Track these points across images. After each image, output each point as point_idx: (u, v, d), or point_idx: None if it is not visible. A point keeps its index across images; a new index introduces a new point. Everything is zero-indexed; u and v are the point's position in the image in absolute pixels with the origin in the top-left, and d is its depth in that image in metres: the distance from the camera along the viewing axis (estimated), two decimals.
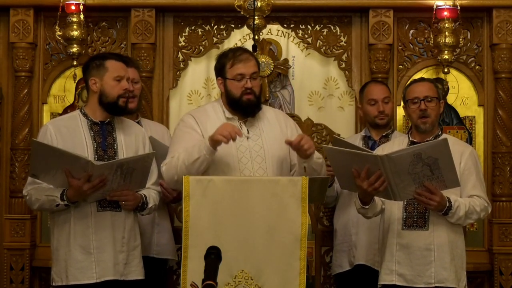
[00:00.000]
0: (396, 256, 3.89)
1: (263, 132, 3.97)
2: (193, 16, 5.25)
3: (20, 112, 5.14)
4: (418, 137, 3.97)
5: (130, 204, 3.83)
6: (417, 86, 4.01)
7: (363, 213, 3.92)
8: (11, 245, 5.10)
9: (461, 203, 3.80)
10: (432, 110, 3.93)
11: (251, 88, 3.92)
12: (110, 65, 3.86)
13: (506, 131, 5.06)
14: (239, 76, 3.92)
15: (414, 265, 3.85)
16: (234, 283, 3.52)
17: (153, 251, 4.41)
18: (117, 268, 3.81)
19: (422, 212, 3.85)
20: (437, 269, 3.83)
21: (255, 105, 3.96)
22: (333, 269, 4.73)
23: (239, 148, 3.88)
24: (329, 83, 5.26)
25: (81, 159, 3.65)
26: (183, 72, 5.26)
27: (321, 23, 5.24)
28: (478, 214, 3.85)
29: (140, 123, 4.42)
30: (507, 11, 5.06)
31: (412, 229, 3.86)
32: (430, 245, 3.84)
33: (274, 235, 3.53)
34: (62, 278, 3.82)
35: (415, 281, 3.85)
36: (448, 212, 3.78)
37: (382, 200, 3.89)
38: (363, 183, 3.68)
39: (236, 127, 3.75)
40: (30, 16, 5.13)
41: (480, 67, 5.17)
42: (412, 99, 3.95)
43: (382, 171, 3.62)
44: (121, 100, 3.86)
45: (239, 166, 3.86)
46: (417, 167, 3.60)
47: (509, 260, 5.03)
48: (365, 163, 3.64)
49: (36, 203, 3.85)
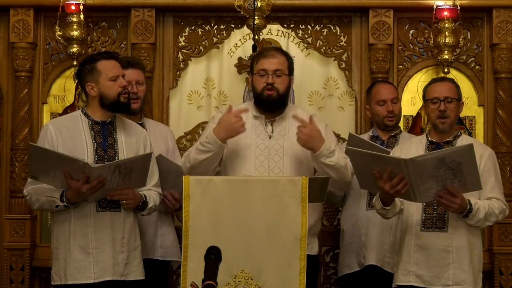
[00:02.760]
0: (414, 257, 3.87)
1: (287, 132, 4.02)
2: (193, 16, 5.25)
3: (20, 112, 5.14)
4: (437, 137, 3.96)
5: (130, 203, 3.83)
6: (437, 85, 3.97)
7: (383, 213, 3.90)
8: (11, 245, 5.10)
9: (481, 206, 3.78)
10: (451, 111, 3.90)
11: (272, 84, 3.96)
12: (102, 67, 3.84)
13: (506, 131, 5.06)
14: (262, 71, 4.00)
15: (432, 266, 3.83)
16: (234, 283, 3.52)
17: (158, 254, 4.40)
18: (117, 268, 3.81)
19: (442, 213, 3.84)
20: (455, 271, 3.82)
21: (276, 101, 3.99)
22: (341, 269, 4.67)
23: (259, 145, 3.97)
24: (329, 83, 5.26)
25: (79, 162, 3.64)
26: (183, 72, 5.26)
27: (321, 23, 5.24)
28: (496, 216, 3.85)
29: (144, 124, 4.42)
30: (507, 11, 5.06)
31: (431, 231, 3.85)
32: (449, 247, 3.82)
33: (274, 235, 3.53)
34: (61, 277, 3.82)
35: (432, 283, 3.83)
36: (468, 215, 3.76)
37: (401, 201, 3.87)
38: (385, 185, 3.66)
39: (233, 117, 3.85)
40: (30, 16, 5.13)
41: (480, 67, 5.17)
42: (432, 99, 3.91)
43: (404, 173, 3.61)
44: (122, 97, 3.85)
45: (255, 163, 3.94)
46: (440, 171, 3.59)
47: (509, 260, 5.03)
48: (388, 165, 3.64)
49: (36, 204, 3.85)
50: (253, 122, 4.05)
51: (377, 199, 3.84)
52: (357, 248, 4.53)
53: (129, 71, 4.30)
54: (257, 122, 4.06)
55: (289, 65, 4.08)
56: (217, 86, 5.26)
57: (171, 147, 4.52)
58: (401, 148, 4.06)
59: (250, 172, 3.94)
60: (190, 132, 5.23)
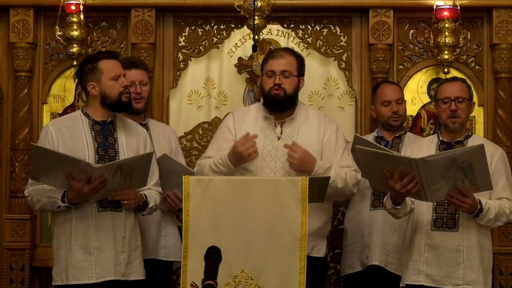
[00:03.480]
0: (424, 257, 3.87)
1: (296, 134, 4.04)
2: (193, 16, 5.25)
3: (20, 112, 5.14)
4: (448, 137, 3.97)
5: (132, 203, 3.82)
6: (449, 85, 3.98)
7: (393, 213, 3.90)
8: (11, 245, 5.10)
9: (491, 206, 3.79)
10: (462, 111, 3.91)
11: (279, 85, 3.99)
12: (103, 66, 3.84)
13: (506, 131, 5.06)
14: (270, 72, 4.04)
15: (442, 266, 3.84)
16: (234, 283, 3.52)
17: (161, 254, 4.39)
18: (118, 268, 3.81)
19: (452, 213, 3.84)
20: (466, 271, 3.82)
21: (282, 101, 4.01)
22: (343, 269, 4.68)
23: (267, 146, 3.99)
24: (329, 83, 5.26)
25: (80, 162, 3.64)
26: (183, 72, 5.26)
27: (321, 23, 5.24)
28: (507, 216, 3.85)
29: (148, 124, 4.43)
30: (507, 11, 5.06)
31: (441, 230, 3.85)
32: (459, 247, 3.83)
33: (274, 235, 3.53)
34: (62, 278, 3.82)
35: (443, 282, 3.84)
36: (479, 215, 3.76)
37: (411, 200, 3.87)
38: (396, 184, 3.67)
39: (248, 142, 3.90)
40: (30, 16, 5.13)
41: (480, 67, 5.17)
42: (443, 99, 3.93)
43: (415, 173, 3.62)
44: (123, 96, 3.86)
45: (262, 164, 3.97)
46: (451, 171, 3.60)
47: (509, 260, 5.03)
48: (398, 165, 3.64)
49: (38, 204, 3.85)
50: (262, 123, 4.07)
51: (388, 199, 3.84)
52: (360, 248, 4.54)
53: (132, 71, 4.31)
54: (267, 123, 4.07)
55: (298, 66, 4.09)
56: (217, 86, 5.26)
57: (174, 147, 4.53)
58: (412, 148, 4.07)
59: (256, 173, 3.95)
60: (190, 132, 5.23)
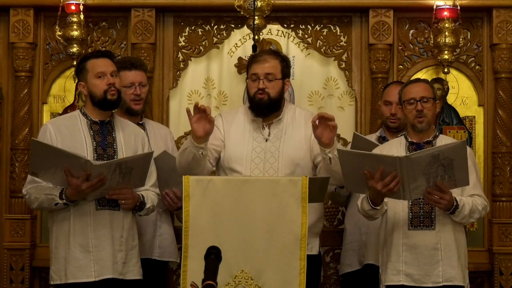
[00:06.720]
0: (403, 256, 3.88)
1: (284, 134, 4.04)
2: (193, 16, 5.25)
3: (20, 112, 5.14)
4: (416, 137, 3.98)
5: (129, 203, 3.83)
6: (413, 87, 4.01)
7: (372, 214, 3.90)
8: (11, 245, 5.11)
9: (466, 202, 3.83)
10: (428, 111, 3.94)
11: (263, 89, 3.98)
12: (90, 65, 3.86)
13: (506, 131, 5.06)
14: (254, 76, 4.02)
15: (421, 264, 3.85)
16: (234, 283, 3.52)
17: (156, 253, 4.40)
18: (116, 267, 3.81)
19: (428, 211, 3.86)
20: (445, 268, 3.85)
21: (267, 105, 4.01)
22: (342, 268, 4.71)
23: (255, 149, 4.00)
24: (329, 83, 5.26)
25: (80, 159, 3.65)
26: (183, 72, 5.26)
27: (321, 23, 5.24)
28: (479, 212, 3.89)
29: (144, 124, 4.42)
30: (507, 11, 5.06)
31: (419, 229, 3.87)
32: (437, 244, 3.85)
33: (274, 235, 3.53)
34: (61, 277, 3.82)
35: (423, 281, 3.86)
36: (455, 211, 3.79)
37: (384, 201, 3.88)
38: (377, 184, 3.67)
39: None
40: (30, 16, 5.13)
41: (480, 67, 5.17)
42: (408, 100, 3.95)
43: (397, 171, 3.63)
44: (108, 94, 3.84)
45: (250, 166, 3.97)
46: (433, 168, 3.63)
47: (509, 260, 5.03)
48: (380, 164, 3.65)
49: (35, 202, 3.85)
50: (250, 126, 4.07)
51: (365, 200, 3.85)
52: (358, 247, 4.57)
53: (132, 72, 4.32)
54: (254, 126, 4.08)
55: (283, 69, 4.06)
56: (217, 86, 5.26)
57: (171, 147, 4.52)
58: (380, 150, 4.05)
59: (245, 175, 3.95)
60: (190, 132, 5.21)
